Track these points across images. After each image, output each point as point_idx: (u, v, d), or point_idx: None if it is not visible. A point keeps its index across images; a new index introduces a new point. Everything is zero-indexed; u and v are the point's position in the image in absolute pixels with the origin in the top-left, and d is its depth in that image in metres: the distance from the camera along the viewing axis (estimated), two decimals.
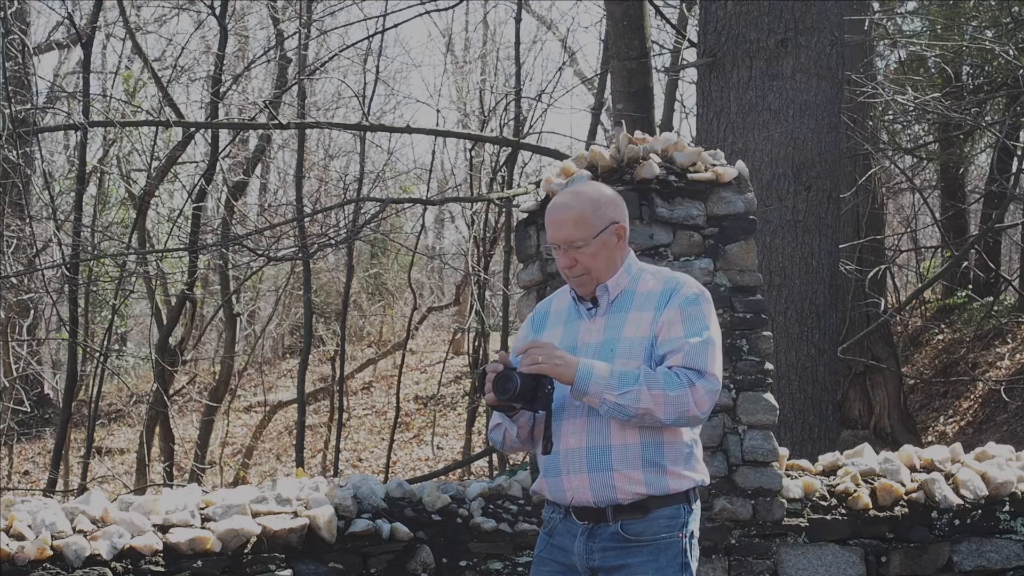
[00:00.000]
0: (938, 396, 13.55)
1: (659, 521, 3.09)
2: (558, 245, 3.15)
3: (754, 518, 4.83)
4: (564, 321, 3.25)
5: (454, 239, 21.85)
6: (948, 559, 5.04)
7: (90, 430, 11.62)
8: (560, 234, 3.14)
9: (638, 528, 3.08)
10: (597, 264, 3.14)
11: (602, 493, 3.09)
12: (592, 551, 3.11)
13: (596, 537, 3.11)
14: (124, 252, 11.99)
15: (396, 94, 23.44)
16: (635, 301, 3.16)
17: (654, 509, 3.09)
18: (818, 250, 7.31)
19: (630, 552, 3.08)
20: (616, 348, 3.10)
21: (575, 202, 3.15)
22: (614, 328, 3.14)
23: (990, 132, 11.74)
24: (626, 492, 3.08)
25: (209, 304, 16.87)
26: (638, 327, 3.12)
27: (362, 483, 4.75)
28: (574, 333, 3.19)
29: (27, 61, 11.02)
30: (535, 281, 5.23)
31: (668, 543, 3.09)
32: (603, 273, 3.16)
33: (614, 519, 3.09)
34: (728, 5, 7.38)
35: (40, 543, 4.11)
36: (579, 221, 3.12)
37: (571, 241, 3.12)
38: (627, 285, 3.19)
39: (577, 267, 3.14)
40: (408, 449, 16.41)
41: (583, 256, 3.13)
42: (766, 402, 4.85)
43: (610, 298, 3.18)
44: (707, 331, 3.09)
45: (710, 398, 3.05)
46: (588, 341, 3.16)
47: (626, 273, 3.20)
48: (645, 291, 3.17)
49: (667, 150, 4.92)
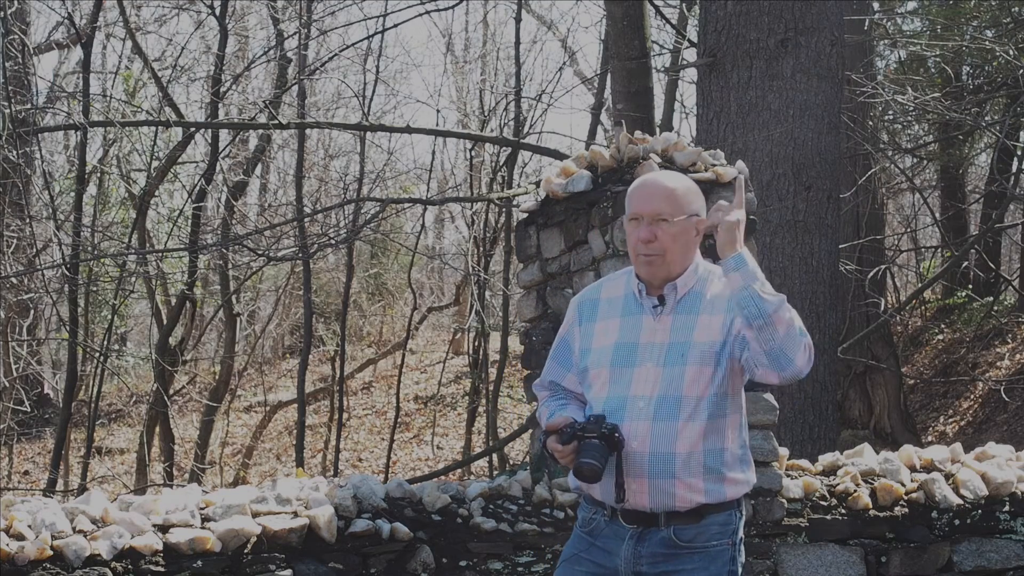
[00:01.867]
0: (938, 396, 13.55)
1: (712, 528, 3.05)
2: (641, 216, 3.06)
3: (754, 518, 4.83)
4: (621, 313, 3.15)
5: (454, 239, 21.87)
6: (948, 559, 5.03)
7: (90, 430, 11.62)
8: (649, 206, 3.05)
9: (690, 534, 3.04)
10: (674, 247, 3.06)
11: (660, 500, 3.03)
12: (640, 556, 3.05)
13: (645, 542, 3.05)
14: (124, 252, 11.98)
15: (396, 94, 23.42)
16: (703, 304, 3.09)
17: (708, 515, 3.04)
18: (818, 250, 7.31)
19: (680, 559, 3.03)
20: (687, 353, 3.03)
21: (671, 180, 3.12)
22: (683, 330, 3.06)
23: (990, 132, 11.74)
24: (685, 500, 3.03)
25: (209, 304, 16.87)
26: (709, 331, 3.05)
27: (362, 483, 4.75)
28: (635, 329, 3.11)
29: (27, 61, 11.02)
30: (535, 281, 5.23)
31: (719, 551, 3.05)
32: (675, 260, 3.08)
33: (666, 524, 3.04)
34: (728, 5, 7.38)
35: (40, 543, 4.11)
36: (671, 197, 3.06)
37: (659, 213, 3.04)
38: (694, 286, 3.12)
39: (655, 243, 3.05)
40: (408, 449, 16.41)
41: (665, 233, 3.04)
42: (766, 402, 4.85)
43: (677, 296, 3.10)
44: None
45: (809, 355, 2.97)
46: (653, 340, 3.08)
47: (694, 273, 3.13)
48: (714, 293, 3.10)
49: (667, 150, 4.92)
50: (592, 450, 2.94)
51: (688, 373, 3.02)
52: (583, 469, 2.94)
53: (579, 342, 3.21)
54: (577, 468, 2.96)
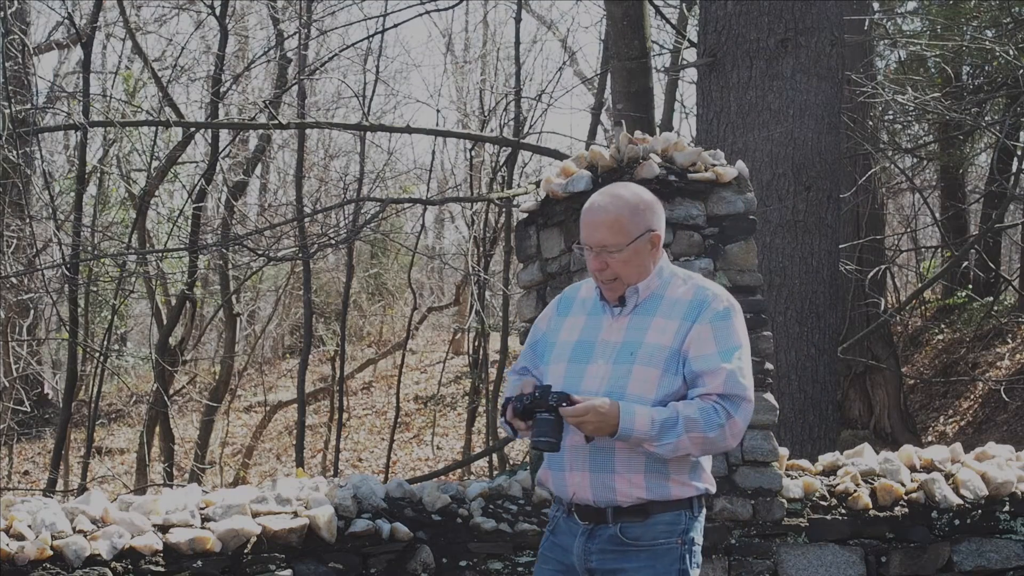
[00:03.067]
0: (938, 396, 13.55)
1: (658, 527, 3.08)
2: (591, 247, 3.10)
3: (754, 518, 4.83)
4: (588, 311, 3.22)
5: (454, 239, 21.88)
6: (948, 559, 5.03)
7: (90, 430, 11.62)
8: (594, 237, 3.09)
9: (636, 532, 3.07)
10: (628, 270, 3.10)
11: (602, 494, 3.08)
12: (590, 552, 3.11)
13: (595, 538, 3.11)
14: (124, 252, 11.98)
15: (396, 94, 23.49)
16: (662, 307, 3.12)
17: (654, 514, 3.07)
18: (818, 250, 7.31)
19: (627, 556, 3.07)
20: (637, 352, 3.08)
21: (613, 206, 3.09)
22: (637, 331, 3.11)
23: (990, 132, 11.73)
24: (626, 495, 3.07)
25: (209, 304, 16.87)
26: (662, 334, 3.08)
27: (362, 483, 4.75)
28: (596, 328, 3.17)
29: (27, 61, 11.02)
30: (535, 281, 5.22)
31: (666, 549, 3.07)
32: (633, 277, 3.12)
33: (614, 521, 3.08)
34: (728, 5, 7.38)
35: (40, 543, 4.11)
36: (614, 226, 3.07)
37: (604, 246, 3.08)
38: (656, 289, 3.15)
39: (608, 271, 3.11)
40: (408, 449, 16.41)
41: (615, 261, 3.08)
42: (766, 402, 4.85)
43: (638, 299, 3.14)
44: (740, 349, 3.08)
45: (746, 423, 3.08)
46: (609, 339, 3.13)
47: (657, 277, 3.16)
48: (674, 297, 3.13)
49: (667, 150, 4.92)
50: (544, 426, 3.02)
51: (635, 372, 3.06)
52: (539, 447, 3.04)
53: (548, 334, 3.30)
54: (534, 446, 3.07)
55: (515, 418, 3.07)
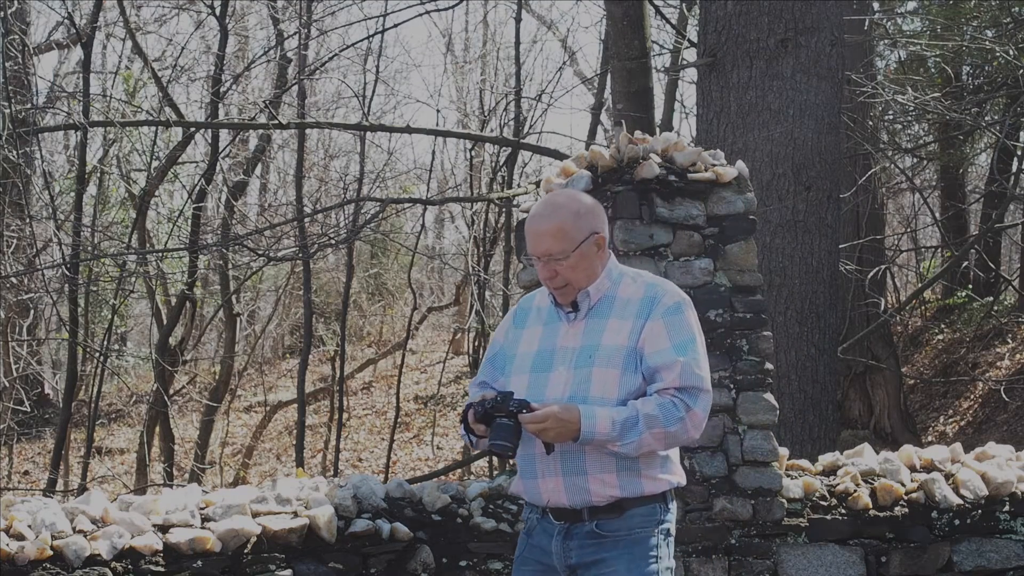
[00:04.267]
0: (938, 396, 13.55)
1: (634, 519, 3.13)
2: (538, 257, 3.14)
3: (754, 518, 4.83)
4: (544, 321, 3.26)
5: (454, 239, 21.88)
6: (948, 559, 5.03)
7: (90, 430, 11.62)
8: (540, 247, 3.14)
9: (613, 526, 3.12)
10: (577, 275, 3.14)
11: (577, 496, 3.12)
12: (569, 549, 3.15)
13: (572, 536, 3.15)
14: (124, 252, 11.98)
15: (396, 94, 23.47)
16: (615, 307, 3.17)
17: (629, 508, 3.12)
18: (818, 250, 7.31)
19: (605, 547, 3.12)
20: (595, 355, 3.12)
21: (554, 214, 3.14)
22: (593, 334, 3.15)
23: (990, 132, 11.73)
24: (601, 495, 3.11)
25: (209, 304, 16.87)
26: (617, 335, 3.13)
27: (362, 483, 4.75)
28: (554, 336, 3.21)
29: (27, 61, 11.02)
30: (535, 281, 5.21)
31: (642, 537, 3.12)
32: (583, 281, 3.16)
33: (590, 519, 3.13)
34: (728, 5, 7.38)
35: (40, 543, 4.11)
36: (558, 234, 3.12)
37: (551, 254, 3.12)
38: (607, 290, 3.20)
39: (557, 279, 3.15)
40: (408, 449, 16.41)
41: (563, 268, 3.13)
42: (766, 402, 4.85)
43: (590, 303, 3.19)
44: (694, 343, 3.11)
45: (705, 414, 3.10)
46: (567, 345, 3.17)
47: (607, 278, 3.20)
48: (625, 297, 3.18)
49: (667, 150, 4.92)
50: (502, 430, 3.04)
51: (595, 375, 3.10)
52: (494, 451, 3.07)
53: (507, 347, 3.33)
54: (489, 450, 3.10)
55: (476, 422, 3.10)
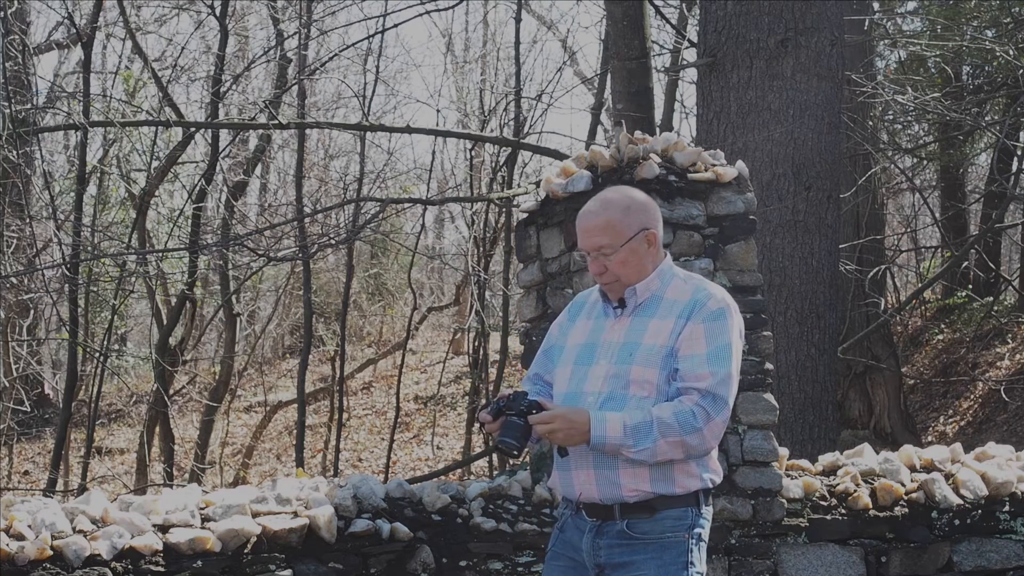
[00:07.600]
0: (938, 396, 13.55)
1: (666, 521, 3.11)
2: (588, 252, 3.18)
3: (754, 518, 4.83)
4: (594, 315, 3.30)
5: (454, 239, 21.86)
6: (948, 559, 5.04)
7: (90, 430, 11.61)
8: (589, 241, 3.17)
9: (644, 527, 3.11)
10: (626, 271, 3.17)
11: (608, 490, 3.12)
12: (599, 548, 3.15)
13: (603, 534, 3.15)
14: (124, 252, 11.97)
15: (396, 94, 23.43)
16: (660, 307, 3.18)
17: (661, 509, 3.11)
18: (818, 250, 7.31)
19: (635, 549, 3.11)
20: (635, 353, 3.13)
21: (604, 209, 3.18)
22: (636, 332, 3.17)
23: (990, 132, 11.73)
24: (631, 489, 3.09)
25: (209, 304, 16.87)
26: (658, 335, 3.13)
27: (362, 483, 4.75)
28: (600, 330, 3.24)
29: (27, 61, 11.00)
30: (535, 281, 5.22)
31: (673, 542, 3.11)
32: (632, 277, 3.18)
33: (621, 517, 3.12)
34: (728, 5, 7.38)
35: (40, 543, 4.11)
36: (607, 228, 3.15)
37: (600, 248, 3.15)
38: (656, 290, 3.21)
39: (607, 274, 3.18)
40: (408, 449, 16.41)
41: (612, 263, 3.16)
42: (766, 402, 4.85)
43: (637, 301, 3.20)
44: (728, 350, 3.09)
45: (725, 423, 3.10)
46: (610, 339, 3.20)
47: (657, 277, 3.21)
48: (672, 298, 3.19)
49: (667, 150, 4.92)
50: (511, 429, 3.05)
51: (633, 372, 3.11)
52: (500, 447, 3.07)
53: (558, 339, 3.37)
54: (496, 445, 3.10)
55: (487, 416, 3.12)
